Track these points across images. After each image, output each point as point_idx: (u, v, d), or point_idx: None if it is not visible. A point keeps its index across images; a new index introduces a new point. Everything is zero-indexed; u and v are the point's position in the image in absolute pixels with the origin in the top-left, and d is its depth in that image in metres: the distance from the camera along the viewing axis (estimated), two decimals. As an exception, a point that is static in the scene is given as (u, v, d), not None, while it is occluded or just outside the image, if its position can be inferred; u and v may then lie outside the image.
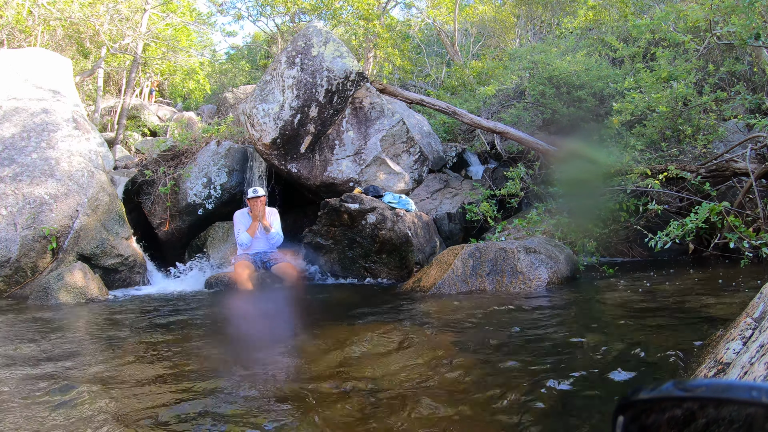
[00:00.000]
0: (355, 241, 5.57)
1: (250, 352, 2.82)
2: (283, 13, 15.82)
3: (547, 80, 8.01)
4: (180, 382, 2.18)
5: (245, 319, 4.09)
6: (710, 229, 4.81)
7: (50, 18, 11.08)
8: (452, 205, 7.98)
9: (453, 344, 2.65)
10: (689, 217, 4.29)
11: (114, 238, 5.44)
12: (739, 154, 5.49)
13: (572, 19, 11.81)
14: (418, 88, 15.26)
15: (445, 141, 10.55)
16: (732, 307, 2.98)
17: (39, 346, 2.86)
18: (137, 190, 6.70)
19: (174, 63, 15.19)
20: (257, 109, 6.23)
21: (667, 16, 6.80)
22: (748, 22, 5.31)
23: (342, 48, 6.41)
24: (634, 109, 6.07)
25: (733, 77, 7.83)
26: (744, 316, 1.89)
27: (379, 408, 1.78)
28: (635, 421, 0.44)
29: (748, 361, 1.47)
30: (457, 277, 4.31)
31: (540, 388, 1.89)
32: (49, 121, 5.76)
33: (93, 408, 1.86)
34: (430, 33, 17.63)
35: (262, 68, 20.16)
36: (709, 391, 0.41)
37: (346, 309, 3.99)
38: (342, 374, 2.18)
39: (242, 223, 5.41)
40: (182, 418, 1.76)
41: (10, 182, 5.14)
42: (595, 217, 5.75)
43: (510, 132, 7.13)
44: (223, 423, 1.71)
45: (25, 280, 4.91)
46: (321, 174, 6.32)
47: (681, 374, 1.94)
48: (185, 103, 20.63)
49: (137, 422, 1.73)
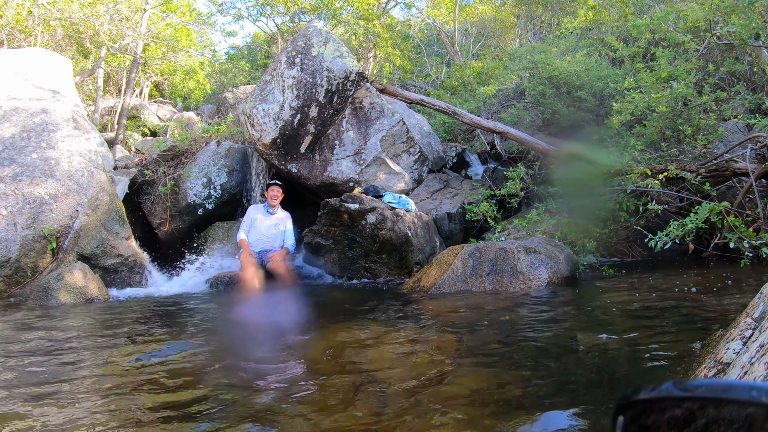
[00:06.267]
0: (355, 241, 5.57)
1: (250, 352, 2.81)
2: (283, 13, 15.81)
3: (547, 80, 8.00)
4: (180, 382, 2.18)
5: (245, 319, 4.09)
6: (710, 229, 4.81)
7: (50, 18, 11.07)
8: (452, 205, 7.97)
9: (453, 344, 2.65)
10: (689, 217, 4.29)
11: (114, 238, 5.44)
12: (739, 154, 5.48)
13: (572, 19, 11.81)
14: (418, 88, 15.25)
15: (445, 141, 10.55)
16: (732, 307, 2.98)
17: (38, 346, 2.86)
18: (137, 190, 6.70)
19: (174, 63, 15.18)
20: (257, 109, 6.23)
21: (667, 16, 6.80)
22: (748, 22, 5.30)
23: (342, 48, 6.41)
24: (634, 109, 6.06)
25: (733, 77, 7.83)
26: (744, 316, 1.89)
27: (385, 408, 1.78)
28: (635, 421, 0.44)
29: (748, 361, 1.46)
30: (457, 277, 4.31)
31: (540, 388, 1.89)
32: (49, 121, 5.76)
33: (93, 408, 1.86)
34: (430, 33, 17.63)
35: (262, 68, 20.14)
36: (709, 391, 0.41)
37: (346, 309, 3.99)
38: (343, 374, 2.18)
39: (250, 219, 5.56)
40: (182, 418, 1.76)
41: (10, 182, 5.14)
42: (595, 217, 5.75)
43: (510, 132, 7.12)
44: (224, 422, 1.71)
45: (25, 280, 4.90)
46: (321, 174, 6.31)
47: (681, 374, 1.93)
48: (185, 103, 20.62)
49: (137, 422, 1.73)
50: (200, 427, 1.69)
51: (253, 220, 5.54)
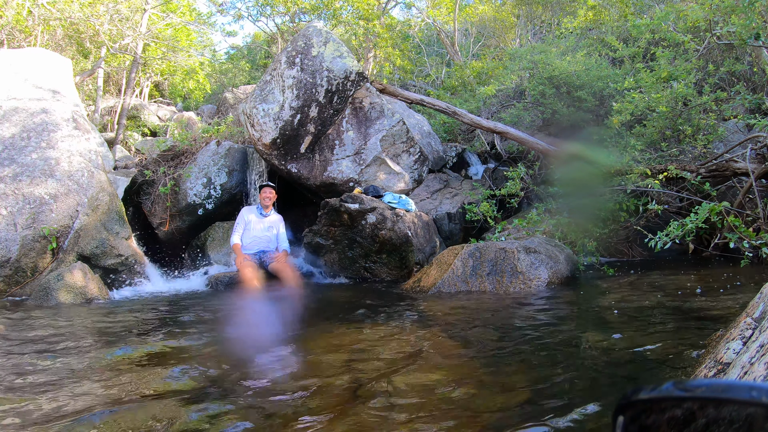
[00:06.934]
0: (355, 241, 5.57)
1: (251, 352, 2.81)
2: (283, 13, 15.81)
3: (547, 80, 8.00)
4: (180, 381, 2.18)
5: (246, 318, 4.09)
6: (710, 229, 4.81)
7: (50, 18, 11.08)
8: (452, 205, 7.98)
9: (453, 344, 2.65)
10: (689, 217, 4.29)
11: (114, 238, 5.44)
12: (739, 154, 5.48)
13: (572, 19, 11.81)
14: (418, 88, 15.25)
15: (445, 141, 10.55)
16: (732, 307, 2.98)
17: (38, 345, 2.86)
18: (137, 190, 6.70)
19: (174, 63, 15.18)
20: (257, 109, 6.23)
21: (667, 16, 6.80)
22: (748, 22, 5.31)
23: (342, 48, 6.41)
24: (634, 109, 6.06)
25: (733, 77, 7.83)
26: (744, 316, 1.89)
27: (385, 408, 1.78)
28: (635, 421, 0.44)
29: (748, 361, 1.47)
30: (457, 277, 4.31)
31: (541, 389, 1.89)
32: (49, 121, 5.76)
33: (93, 408, 1.86)
34: (430, 33, 17.63)
35: (262, 68, 20.15)
36: (709, 391, 0.41)
37: (346, 309, 3.99)
38: (342, 374, 2.18)
39: (243, 221, 5.47)
40: (182, 417, 1.76)
41: (10, 182, 5.14)
42: (595, 217, 5.75)
43: (510, 132, 7.12)
44: (224, 422, 1.71)
45: (25, 280, 4.90)
46: (321, 174, 6.31)
47: (681, 374, 1.93)
48: (185, 103, 20.62)
49: (137, 421, 1.73)
50: (200, 426, 1.69)
51: (247, 223, 5.46)
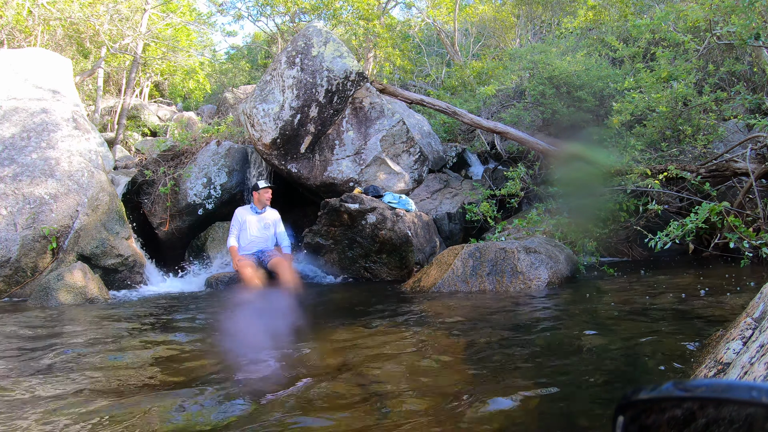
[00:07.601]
0: (355, 241, 5.57)
1: (251, 353, 2.81)
2: (283, 13, 15.80)
3: (547, 80, 8.00)
4: (181, 381, 2.18)
5: (246, 318, 4.09)
6: (710, 229, 4.81)
7: (50, 18, 11.07)
8: (452, 205, 7.97)
9: (453, 344, 2.65)
10: (689, 217, 4.29)
11: (114, 238, 5.44)
12: (739, 154, 5.48)
13: (572, 19, 11.81)
14: (418, 88, 15.25)
15: (445, 141, 10.54)
16: (732, 307, 2.98)
17: (38, 345, 2.86)
18: (137, 190, 6.70)
19: (174, 63, 15.18)
20: (257, 109, 6.23)
21: (667, 16, 6.79)
22: (748, 22, 5.30)
23: (342, 48, 6.41)
24: (634, 109, 6.06)
25: (733, 77, 7.82)
26: (744, 316, 1.89)
27: (385, 408, 1.78)
28: (635, 421, 0.44)
29: (748, 361, 1.47)
30: (457, 277, 4.31)
31: (541, 389, 1.89)
32: (49, 121, 5.76)
33: (93, 408, 1.86)
34: (430, 33, 17.62)
35: (262, 68, 20.14)
36: (709, 391, 0.41)
37: (346, 309, 3.99)
38: (342, 374, 2.18)
39: (238, 222, 5.46)
40: (182, 417, 1.76)
41: (10, 182, 5.14)
42: (595, 217, 5.75)
43: (510, 132, 7.12)
44: (223, 422, 1.71)
45: (25, 280, 4.90)
46: (321, 174, 6.31)
47: (681, 374, 1.94)
48: (185, 103, 20.62)
49: (137, 421, 1.73)
50: (200, 425, 1.69)
51: (242, 223, 5.43)
